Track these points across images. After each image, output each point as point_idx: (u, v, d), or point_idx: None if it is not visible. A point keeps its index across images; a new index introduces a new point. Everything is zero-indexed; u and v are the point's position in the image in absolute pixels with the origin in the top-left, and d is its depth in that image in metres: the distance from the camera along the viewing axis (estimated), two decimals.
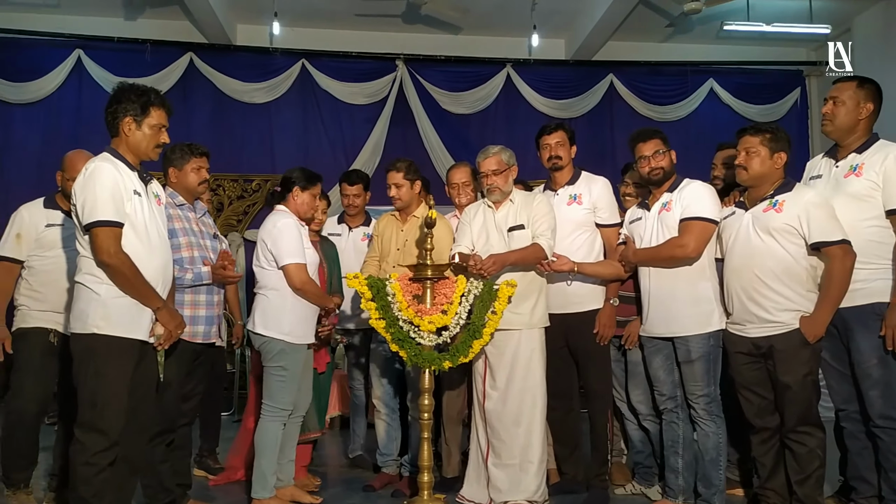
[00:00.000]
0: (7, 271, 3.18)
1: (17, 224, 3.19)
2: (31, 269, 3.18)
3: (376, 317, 2.98)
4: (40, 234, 3.15)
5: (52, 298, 3.13)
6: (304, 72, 7.22)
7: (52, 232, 3.16)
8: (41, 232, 3.15)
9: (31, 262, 3.18)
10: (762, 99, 7.81)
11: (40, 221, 3.17)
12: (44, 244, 3.15)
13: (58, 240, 3.15)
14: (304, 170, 3.39)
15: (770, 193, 2.87)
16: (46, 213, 3.19)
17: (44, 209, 3.21)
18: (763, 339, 2.85)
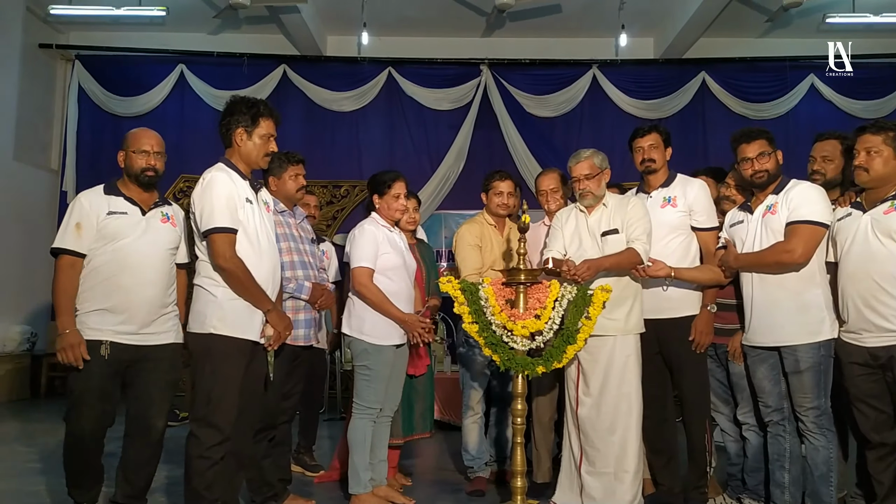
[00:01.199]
0: (70, 266, 2.71)
1: (77, 213, 2.74)
2: (90, 265, 2.73)
3: (469, 321, 2.99)
4: (101, 224, 2.72)
5: (109, 299, 2.69)
6: (390, 79, 7.39)
7: (115, 221, 2.73)
8: (102, 220, 2.73)
9: (90, 256, 2.73)
10: (868, 94, 7.37)
11: (102, 209, 2.75)
12: (105, 234, 2.72)
13: (121, 229, 2.73)
14: (377, 175, 3.45)
15: (892, 194, 2.71)
16: (108, 200, 2.78)
17: (104, 196, 2.79)
18: (882, 350, 2.68)
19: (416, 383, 3.63)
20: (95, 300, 2.70)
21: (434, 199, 7.30)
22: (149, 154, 2.80)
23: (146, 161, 2.79)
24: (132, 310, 2.71)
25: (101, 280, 2.70)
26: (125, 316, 2.70)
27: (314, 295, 3.20)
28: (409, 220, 3.69)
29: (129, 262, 2.71)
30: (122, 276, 2.70)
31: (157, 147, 2.83)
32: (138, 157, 2.79)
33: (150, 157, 2.80)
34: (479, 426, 3.79)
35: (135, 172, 2.79)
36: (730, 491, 3.42)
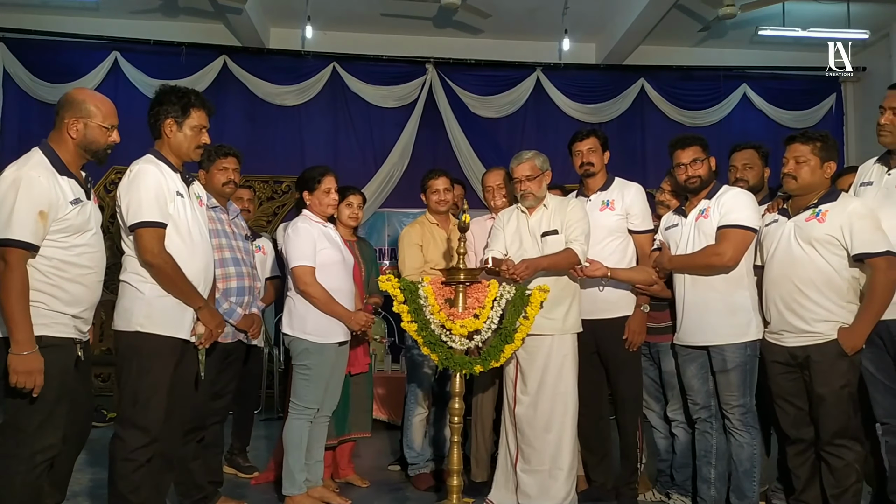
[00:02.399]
0: (24, 262, 2.21)
1: (38, 196, 2.22)
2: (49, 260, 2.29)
3: (408, 320, 2.99)
4: (68, 213, 2.30)
5: (77, 301, 2.36)
6: (335, 75, 7.28)
7: (80, 209, 2.35)
8: (67, 209, 2.30)
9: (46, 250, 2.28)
10: (796, 104, 7.69)
11: (66, 194, 2.31)
12: (71, 226, 2.32)
13: (86, 220, 2.39)
14: (306, 171, 3.39)
15: (814, 202, 2.83)
16: (68, 183, 2.34)
17: (59, 176, 2.31)
18: (800, 349, 2.81)
19: (354, 382, 3.59)
20: (57, 301, 2.30)
21: (378, 197, 7.24)
22: (114, 130, 2.46)
23: (113, 137, 2.45)
24: (90, 308, 2.45)
25: (69, 279, 2.31)
26: (86, 317, 2.44)
27: (244, 323, 3.15)
28: (352, 216, 3.64)
29: (95, 257, 2.41)
30: (91, 273, 2.39)
31: (117, 122, 2.49)
32: (109, 133, 2.43)
33: (116, 132, 2.46)
34: (424, 424, 3.81)
35: (98, 148, 2.42)
36: (659, 486, 3.52)
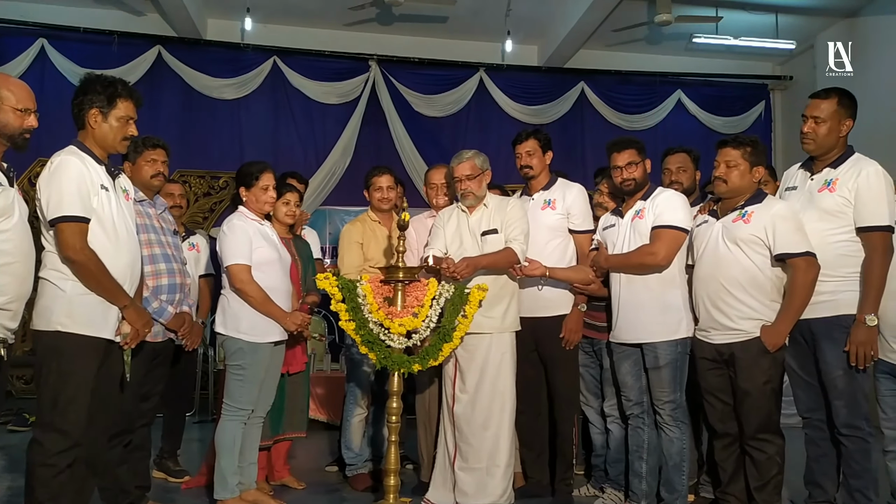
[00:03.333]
0: None
1: None
2: None
3: (346, 318, 2.95)
4: None
5: None
6: (275, 69, 7.14)
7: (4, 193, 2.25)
8: None
9: None
10: (728, 111, 7.98)
11: None
12: None
13: (9, 205, 2.27)
14: (244, 166, 3.31)
15: (741, 204, 2.92)
16: None
17: None
18: (725, 346, 2.91)
19: (290, 381, 3.53)
20: None
21: (319, 195, 7.15)
22: (31, 113, 2.32)
23: (29, 121, 2.32)
24: (17, 301, 2.30)
25: None
26: (13, 310, 2.29)
27: (174, 323, 3.05)
28: (289, 213, 3.56)
29: (21, 246, 2.29)
30: (15, 263, 2.25)
31: (35, 106, 2.36)
32: (25, 116, 2.30)
33: (33, 116, 2.33)
34: (363, 424, 3.77)
35: (12, 132, 2.28)
36: (593, 481, 3.59)
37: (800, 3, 6.81)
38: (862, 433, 2.75)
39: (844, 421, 2.77)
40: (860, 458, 2.76)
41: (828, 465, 2.90)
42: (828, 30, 7.32)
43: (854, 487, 2.78)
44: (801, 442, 3.03)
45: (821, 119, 2.86)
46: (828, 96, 2.89)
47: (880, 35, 6.74)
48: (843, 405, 2.77)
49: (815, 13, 7.03)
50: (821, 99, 2.89)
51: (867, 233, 2.73)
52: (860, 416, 2.76)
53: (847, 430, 2.77)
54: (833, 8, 6.92)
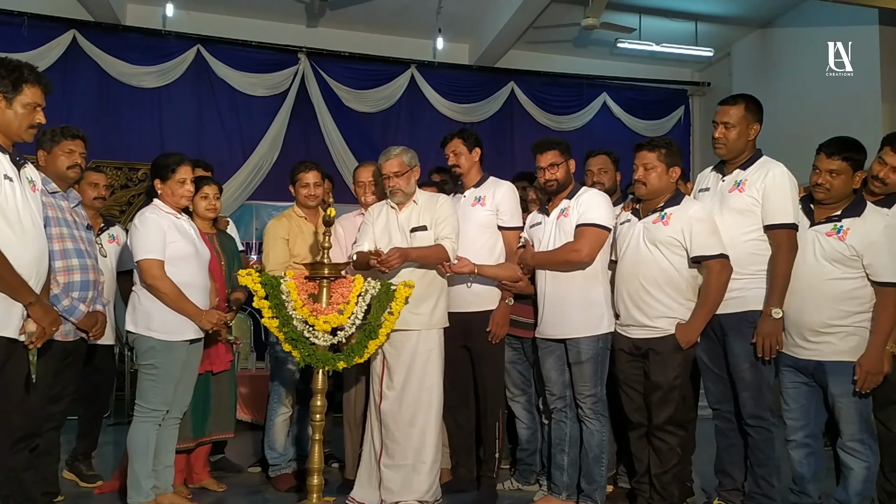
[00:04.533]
0: None
1: None
2: None
3: (269, 315, 2.89)
4: None
5: None
6: (199, 58, 6.92)
7: None
8: None
9: None
10: (650, 114, 8.28)
11: None
12: None
13: None
14: (161, 157, 3.18)
15: (661, 206, 3.03)
16: None
17: None
18: (642, 341, 3.02)
19: (215, 380, 3.42)
20: None
21: (246, 189, 6.99)
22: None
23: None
24: None
25: None
26: None
27: (86, 322, 2.90)
28: (209, 207, 3.46)
29: None
30: None
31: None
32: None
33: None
34: (288, 424, 3.71)
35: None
36: (517, 475, 3.65)
37: (717, 12, 7.12)
38: (766, 423, 2.90)
39: (750, 412, 2.92)
40: (764, 448, 2.91)
41: (736, 455, 3.04)
42: (743, 39, 7.71)
43: (759, 475, 2.94)
44: (713, 432, 3.17)
45: (730, 124, 2.99)
46: (735, 102, 3.02)
47: (790, 45, 7.13)
48: (749, 397, 2.91)
49: (732, 22, 7.37)
50: (729, 105, 3.02)
51: (773, 230, 2.88)
52: (765, 408, 2.91)
53: (753, 421, 2.92)
54: (748, 18, 7.28)
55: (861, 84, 6.24)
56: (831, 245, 2.81)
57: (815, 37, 6.80)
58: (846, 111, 6.20)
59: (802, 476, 2.92)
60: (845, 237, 2.78)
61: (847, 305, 2.79)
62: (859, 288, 2.78)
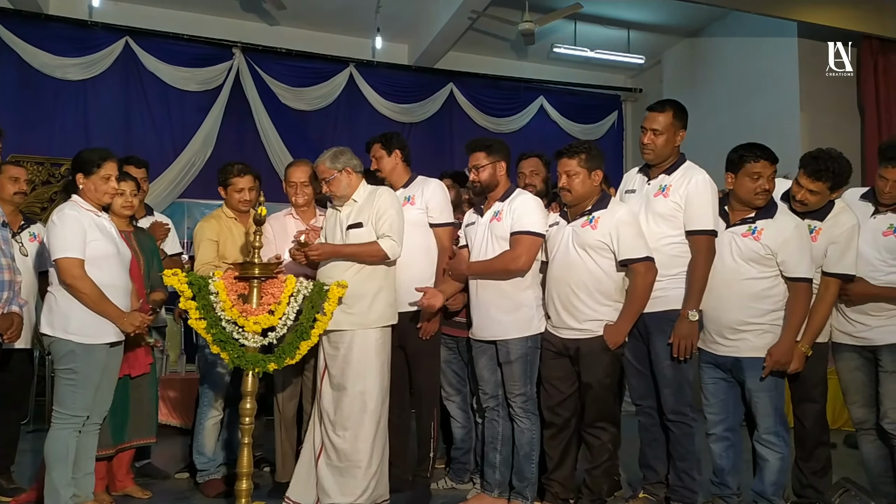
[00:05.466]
0: None
1: None
2: None
3: (196, 317, 2.81)
4: None
5: None
6: (127, 50, 6.68)
7: None
8: None
9: None
10: (585, 118, 8.47)
11: None
12: None
13: None
14: (84, 152, 3.07)
15: (588, 209, 3.10)
16: None
17: None
18: (571, 342, 3.09)
19: (134, 385, 3.30)
20: None
21: (177, 187, 6.79)
22: None
23: None
24: None
25: None
26: None
27: (1, 324, 2.79)
28: (126, 204, 3.34)
29: None
30: None
31: None
32: None
33: None
34: (217, 428, 3.62)
35: None
36: (452, 474, 3.68)
37: (648, 20, 7.35)
38: (686, 418, 3.02)
39: (671, 407, 3.03)
40: (685, 442, 3.03)
41: (658, 449, 3.16)
42: (673, 47, 7.98)
43: (680, 469, 3.05)
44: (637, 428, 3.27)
45: (658, 131, 3.09)
46: (664, 109, 3.12)
47: (716, 55, 7.43)
48: (670, 393, 3.03)
49: (662, 31, 7.62)
50: (658, 112, 3.12)
51: (693, 236, 3.01)
52: (685, 403, 3.03)
53: (673, 416, 3.03)
54: (677, 27, 7.54)
55: (781, 94, 6.56)
56: (747, 245, 2.95)
57: (739, 47, 7.12)
58: (767, 119, 6.52)
59: (722, 468, 3.06)
60: (760, 237, 2.93)
61: (762, 303, 2.94)
62: (773, 287, 2.94)
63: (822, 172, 2.93)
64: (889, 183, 2.92)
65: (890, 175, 2.90)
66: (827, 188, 2.97)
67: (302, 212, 3.62)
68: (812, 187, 2.97)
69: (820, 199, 3.00)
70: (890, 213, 2.98)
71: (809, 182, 2.97)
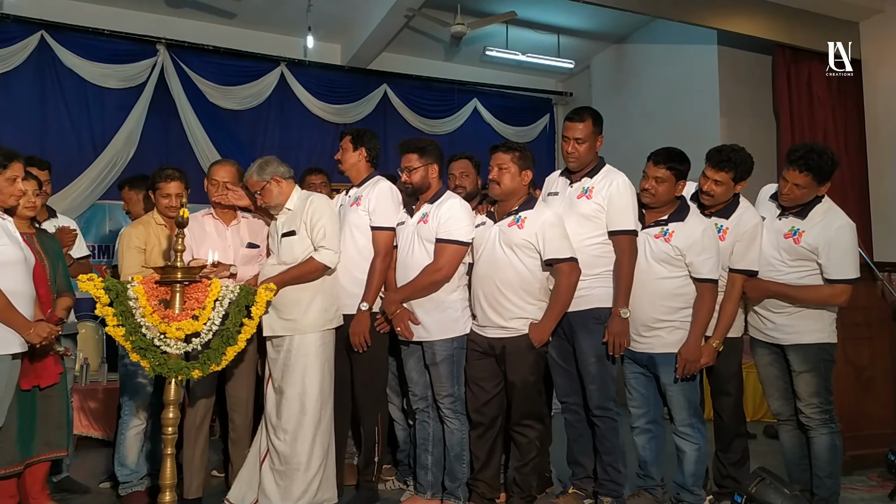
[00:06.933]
0: None
1: None
2: None
3: (114, 323, 2.70)
4: None
5: None
6: (42, 45, 6.37)
7: None
8: None
9: None
10: (518, 121, 8.60)
11: None
12: None
13: None
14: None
15: (515, 209, 3.14)
16: None
17: None
18: (497, 341, 3.12)
19: (42, 396, 3.08)
20: None
21: (98, 187, 6.51)
22: None
23: None
24: None
25: None
26: None
27: None
28: (28, 205, 3.12)
29: None
30: None
31: None
32: None
33: None
34: (140, 438, 3.48)
35: None
36: (398, 475, 3.66)
37: (577, 26, 7.52)
38: (611, 413, 3.11)
39: (597, 403, 3.11)
40: (610, 436, 3.12)
41: (585, 445, 3.23)
42: (601, 53, 8.20)
43: (606, 462, 3.14)
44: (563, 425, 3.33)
45: (581, 140, 3.18)
46: (583, 119, 3.21)
47: (642, 60, 7.67)
48: (595, 389, 3.10)
49: (591, 37, 7.81)
50: (577, 122, 3.20)
51: (616, 236, 3.10)
52: (609, 398, 3.11)
53: (599, 412, 3.11)
54: (605, 34, 7.75)
55: (702, 99, 6.84)
56: (659, 246, 3.08)
57: (663, 53, 7.38)
58: (689, 124, 6.77)
59: (646, 460, 3.17)
60: (671, 239, 3.06)
61: (673, 302, 3.07)
62: (684, 286, 3.07)
63: (725, 163, 3.07)
64: (788, 185, 3.05)
65: (790, 177, 3.03)
66: (731, 178, 3.10)
67: (222, 212, 3.48)
68: (717, 177, 3.10)
69: (725, 189, 3.13)
70: (792, 217, 3.11)
71: (714, 173, 3.10)
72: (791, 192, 3.04)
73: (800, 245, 3.04)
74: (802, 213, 3.07)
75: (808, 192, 3.03)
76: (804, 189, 3.01)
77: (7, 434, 2.89)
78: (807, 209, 3.07)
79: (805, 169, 2.96)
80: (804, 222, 3.06)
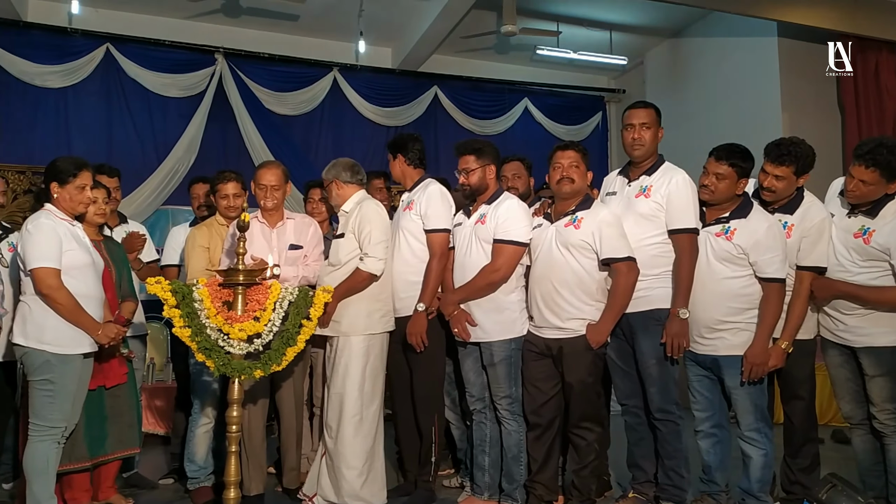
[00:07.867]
0: None
1: None
2: None
3: (181, 325, 2.79)
4: None
5: None
6: (108, 57, 6.63)
7: None
8: None
9: None
10: (570, 120, 8.49)
11: None
12: None
13: None
14: (59, 160, 3.02)
15: (572, 210, 3.11)
16: None
17: None
18: (554, 342, 3.09)
19: (109, 395, 3.23)
20: None
21: (161, 194, 6.73)
22: None
23: None
24: None
25: None
26: None
27: None
28: (98, 212, 3.27)
29: None
30: None
31: None
32: None
33: None
34: (209, 436, 3.57)
35: None
36: (460, 474, 3.66)
37: (630, 21, 7.39)
38: (673, 416, 3.04)
39: (658, 406, 3.04)
40: (672, 440, 3.04)
41: (646, 448, 3.17)
42: (655, 48, 8.03)
43: (669, 467, 3.07)
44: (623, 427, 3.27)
45: (647, 124, 3.12)
46: (646, 106, 3.17)
47: (698, 55, 7.48)
48: (656, 392, 3.04)
49: (644, 32, 7.66)
50: (640, 108, 3.16)
51: (676, 234, 3.02)
52: (671, 401, 3.04)
53: (660, 415, 3.04)
54: (659, 28, 7.59)
55: (762, 93, 6.62)
56: (720, 245, 2.98)
57: (720, 47, 7.17)
58: (749, 119, 6.57)
59: (710, 465, 3.08)
60: (732, 237, 2.96)
61: (737, 303, 2.97)
62: (748, 286, 2.96)
63: (785, 156, 2.96)
64: (854, 181, 2.92)
65: (856, 173, 2.90)
66: (792, 172, 2.99)
67: (269, 215, 3.52)
68: (777, 172, 2.99)
69: (787, 184, 3.01)
70: (861, 216, 2.97)
71: (774, 168, 2.99)
72: (857, 189, 2.91)
73: (870, 245, 2.91)
74: (872, 212, 2.94)
75: (876, 190, 2.90)
76: (871, 186, 2.88)
77: (76, 431, 3.02)
78: (877, 207, 2.93)
79: (872, 164, 2.84)
80: (874, 221, 2.93)
